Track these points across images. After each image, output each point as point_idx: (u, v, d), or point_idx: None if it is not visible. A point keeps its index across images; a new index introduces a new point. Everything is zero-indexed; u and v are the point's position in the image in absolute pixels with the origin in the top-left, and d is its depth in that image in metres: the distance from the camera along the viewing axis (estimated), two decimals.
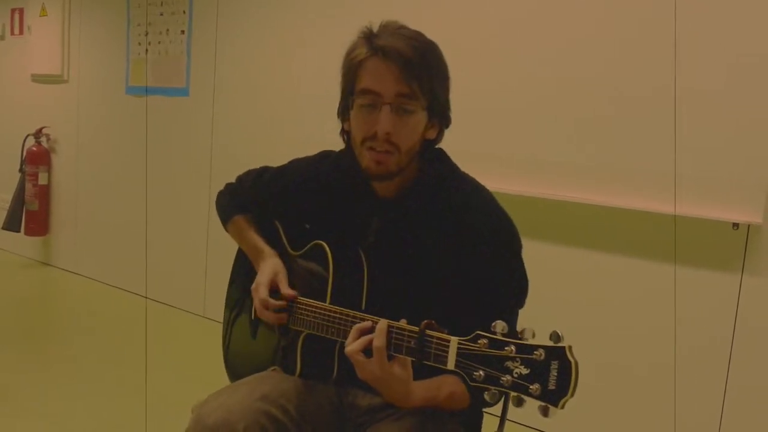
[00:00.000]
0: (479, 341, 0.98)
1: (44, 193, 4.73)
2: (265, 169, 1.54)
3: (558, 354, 0.89)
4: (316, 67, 3.31)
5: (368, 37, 1.21)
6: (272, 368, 1.41)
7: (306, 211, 1.40)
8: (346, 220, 1.33)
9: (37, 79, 4.81)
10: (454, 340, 1.01)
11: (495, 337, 0.96)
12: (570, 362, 0.89)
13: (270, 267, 1.38)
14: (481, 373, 0.96)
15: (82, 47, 4.49)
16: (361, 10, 3.11)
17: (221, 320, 1.62)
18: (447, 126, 1.28)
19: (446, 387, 1.20)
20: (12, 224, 4.71)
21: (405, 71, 1.16)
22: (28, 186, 4.68)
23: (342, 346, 1.25)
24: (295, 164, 1.48)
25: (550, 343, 0.91)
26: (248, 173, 1.58)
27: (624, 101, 2.43)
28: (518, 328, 0.98)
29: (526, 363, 0.91)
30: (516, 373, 0.92)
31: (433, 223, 1.25)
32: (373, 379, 1.11)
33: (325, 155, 1.43)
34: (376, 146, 1.20)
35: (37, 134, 4.68)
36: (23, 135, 4.74)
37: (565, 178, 2.57)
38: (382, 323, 1.10)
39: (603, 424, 2.52)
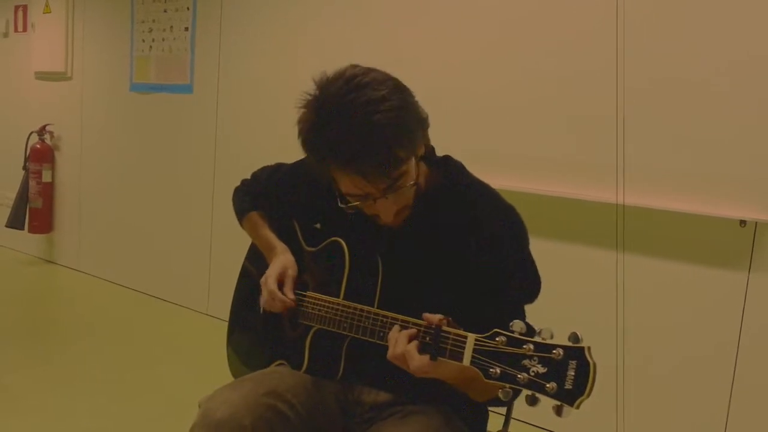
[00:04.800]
0: (497, 339, 0.97)
1: (48, 191, 4.73)
2: (279, 166, 1.54)
3: (576, 354, 0.89)
4: (320, 63, 3.29)
5: (318, 132, 1.14)
6: (278, 362, 1.41)
7: (318, 208, 1.40)
8: (359, 222, 1.32)
9: (41, 76, 4.81)
10: (471, 337, 1.01)
11: (513, 335, 0.96)
12: (588, 363, 0.89)
13: (281, 262, 1.38)
14: (497, 370, 0.95)
15: (86, 44, 4.49)
16: (365, 5, 3.11)
17: (225, 318, 1.62)
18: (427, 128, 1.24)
19: None
20: (16, 222, 4.71)
21: (379, 175, 1.11)
22: (32, 183, 4.68)
23: (349, 345, 1.27)
24: (308, 161, 1.46)
25: (569, 343, 0.90)
26: (263, 169, 1.58)
27: (626, 98, 2.41)
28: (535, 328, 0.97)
29: (543, 362, 0.91)
30: (533, 371, 0.91)
31: (443, 228, 1.25)
32: (423, 372, 1.08)
33: None
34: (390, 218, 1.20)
35: (41, 132, 4.68)
36: (27, 132, 4.74)
37: (568, 176, 2.56)
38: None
39: (604, 423, 2.51)
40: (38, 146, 4.67)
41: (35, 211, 4.71)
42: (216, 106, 3.78)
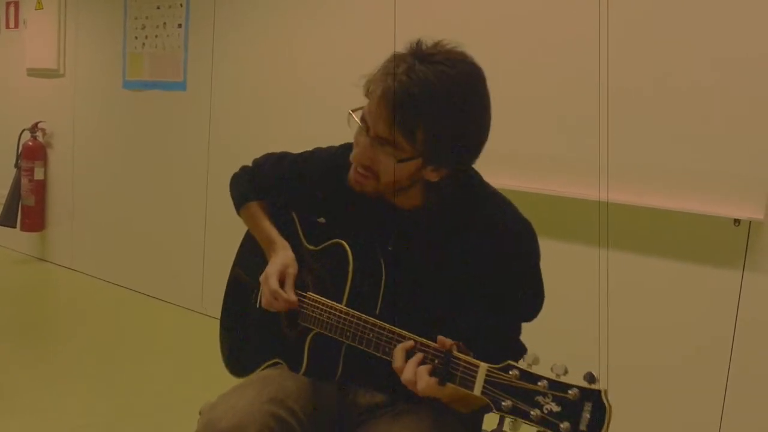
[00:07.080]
0: (510, 372, 0.96)
1: (40, 189, 4.70)
2: (284, 155, 1.50)
3: (593, 396, 0.88)
4: (314, 60, 3.29)
5: (394, 60, 1.14)
6: (273, 360, 1.40)
7: (322, 204, 1.38)
8: (364, 223, 1.30)
9: (33, 73, 4.77)
10: (483, 366, 1.00)
11: (527, 369, 0.95)
12: (605, 406, 0.88)
13: (281, 259, 1.36)
14: (510, 403, 0.94)
15: (79, 41, 4.46)
16: (360, 4, 3.09)
17: (219, 316, 1.60)
18: (461, 170, 1.21)
19: None
20: (8, 219, 4.69)
21: (392, 115, 1.10)
22: (24, 181, 4.65)
23: (347, 347, 1.25)
24: (317, 154, 1.44)
25: (585, 384, 0.89)
26: (266, 157, 1.54)
27: (623, 97, 2.41)
28: (549, 358, 0.97)
29: (557, 400, 0.90)
30: (546, 408, 0.91)
31: (451, 239, 1.23)
32: (428, 394, 1.08)
33: (348, 148, 1.35)
34: (356, 167, 1.21)
35: (33, 129, 4.65)
36: (19, 130, 4.70)
37: (564, 175, 2.56)
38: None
39: None
40: (30, 143, 4.64)
41: (27, 208, 4.68)
42: (210, 103, 3.77)
